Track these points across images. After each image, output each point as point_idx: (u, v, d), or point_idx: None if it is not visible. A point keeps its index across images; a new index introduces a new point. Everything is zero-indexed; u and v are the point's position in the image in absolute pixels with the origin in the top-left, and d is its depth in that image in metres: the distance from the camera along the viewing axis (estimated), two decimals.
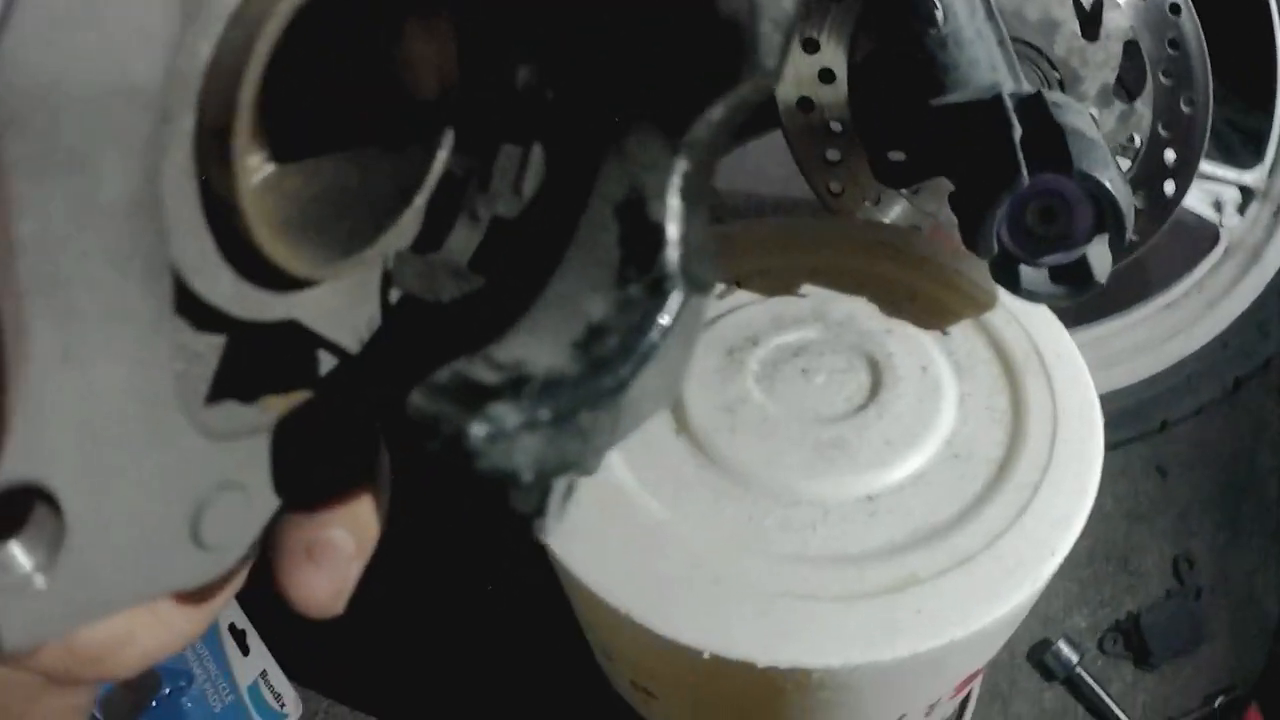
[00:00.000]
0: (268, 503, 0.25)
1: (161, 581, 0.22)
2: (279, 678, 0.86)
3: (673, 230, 0.22)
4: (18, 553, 0.19)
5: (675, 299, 0.22)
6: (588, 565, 0.46)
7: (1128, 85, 0.79)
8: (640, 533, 0.47)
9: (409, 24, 0.24)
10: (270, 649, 0.86)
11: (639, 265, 0.22)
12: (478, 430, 0.19)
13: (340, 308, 0.24)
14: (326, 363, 0.25)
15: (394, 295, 0.25)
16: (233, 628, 0.85)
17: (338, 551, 0.26)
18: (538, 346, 0.21)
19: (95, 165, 0.17)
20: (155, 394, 0.20)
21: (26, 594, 0.19)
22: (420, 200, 0.25)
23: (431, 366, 0.21)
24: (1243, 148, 1.24)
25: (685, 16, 0.21)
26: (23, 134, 0.16)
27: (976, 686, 0.86)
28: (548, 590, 0.58)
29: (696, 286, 0.23)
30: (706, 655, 0.43)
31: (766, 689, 0.45)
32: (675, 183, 0.22)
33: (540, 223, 0.24)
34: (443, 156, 0.25)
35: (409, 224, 0.25)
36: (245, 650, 0.85)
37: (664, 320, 0.22)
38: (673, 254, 0.22)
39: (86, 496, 0.19)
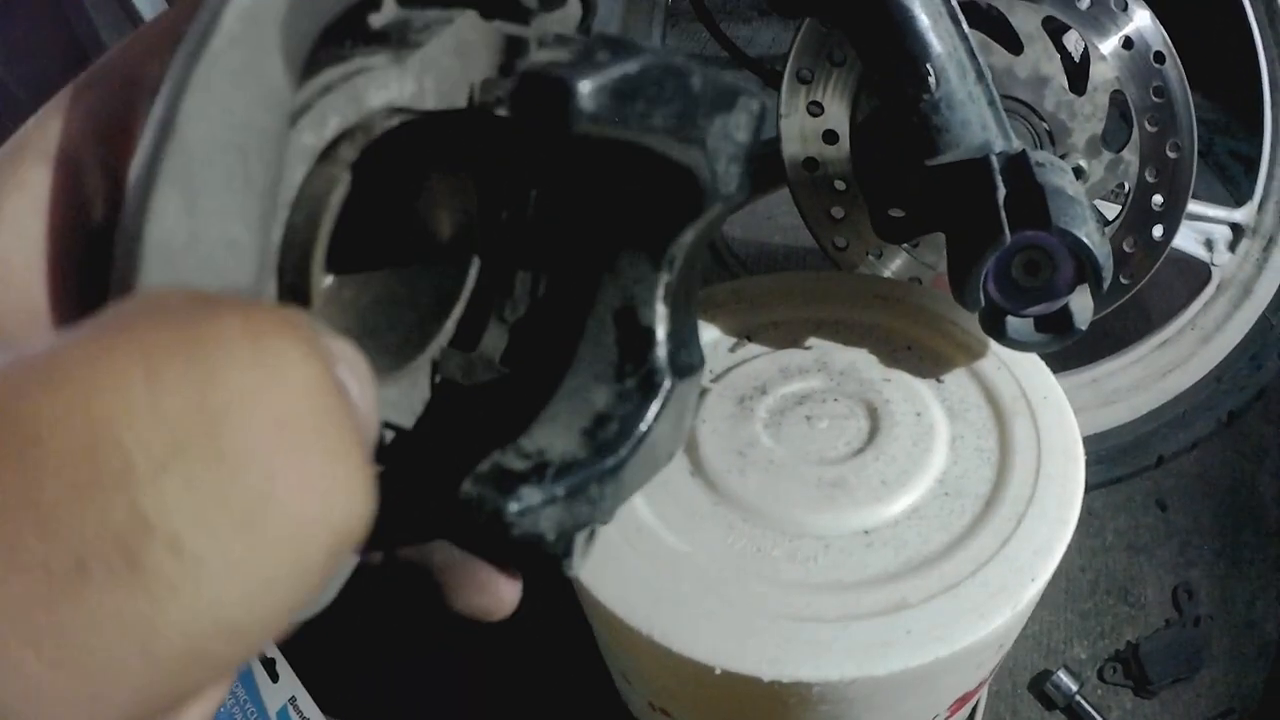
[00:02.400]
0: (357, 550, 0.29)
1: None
2: (308, 703, 0.88)
3: (660, 331, 0.27)
4: None
5: (664, 389, 0.27)
6: (613, 592, 0.50)
7: (1115, 134, 0.82)
8: (660, 563, 0.52)
9: (435, 175, 0.29)
10: (299, 676, 0.88)
11: (634, 362, 0.27)
12: (511, 508, 0.24)
13: (399, 395, 0.29)
14: (389, 438, 0.30)
15: (438, 378, 0.30)
16: (262, 656, 0.87)
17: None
18: (555, 435, 0.26)
19: None
20: None
21: None
22: (458, 311, 0.29)
23: (471, 439, 0.27)
24: (1245, 178, 1.25)
25: (653, 167, 0.26)
26: None
27: (980, 717, 0.89)
28: (569, 623, 0.61)
29: (683, 374, 0.28)
30: (718, 671, 0.47)
31: (772, 703, 0.49)
32: (660, 293, 0.27)
33: (554, 325, 0.30)
34: (473, 273, 0.29)
35: (449, 327, 0.30)
36: (274, 677, 0.87)
37: (655, 408, 0.27)
38: (661, 351, 0.27)
39: None
